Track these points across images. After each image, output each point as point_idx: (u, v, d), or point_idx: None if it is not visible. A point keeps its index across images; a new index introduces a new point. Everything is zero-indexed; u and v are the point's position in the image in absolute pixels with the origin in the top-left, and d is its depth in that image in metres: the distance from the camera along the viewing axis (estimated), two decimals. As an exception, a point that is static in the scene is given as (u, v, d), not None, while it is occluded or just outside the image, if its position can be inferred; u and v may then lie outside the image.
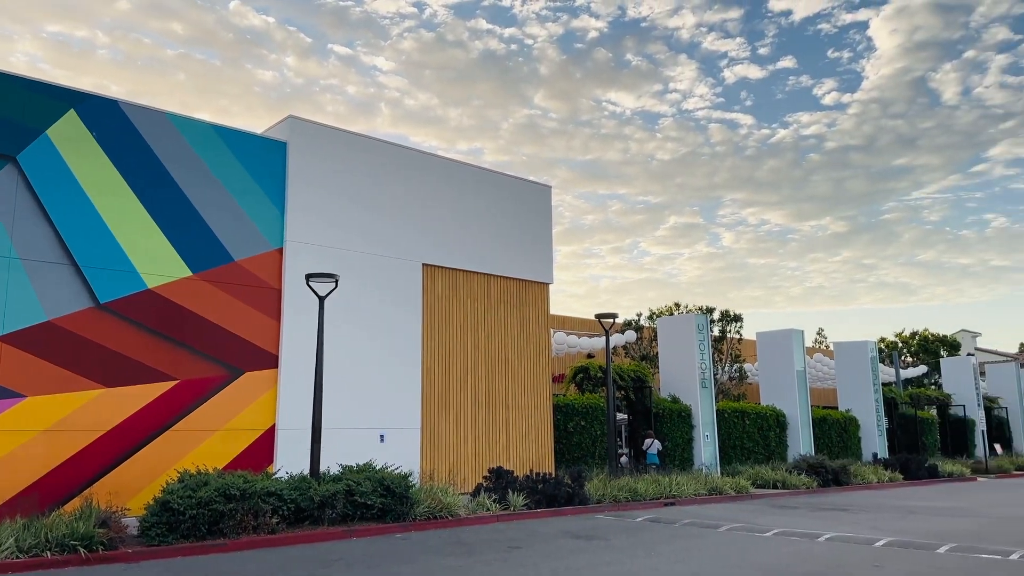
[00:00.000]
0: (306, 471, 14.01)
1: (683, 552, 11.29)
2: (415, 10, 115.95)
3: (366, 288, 18.11)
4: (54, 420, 13.66)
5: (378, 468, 14.08)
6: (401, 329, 18.69)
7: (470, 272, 20.52)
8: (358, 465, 14.17)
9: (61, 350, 13.89)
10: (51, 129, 14.38)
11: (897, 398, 34.80)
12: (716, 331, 34.11)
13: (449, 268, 20.06)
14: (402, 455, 17.16)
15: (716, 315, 34.38)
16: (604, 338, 20.85)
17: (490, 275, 20.94)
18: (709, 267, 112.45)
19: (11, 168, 13.88)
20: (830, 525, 14.45)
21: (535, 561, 10.47)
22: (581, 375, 24.84)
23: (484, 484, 16.46)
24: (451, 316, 19.91)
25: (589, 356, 30.09)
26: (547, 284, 22.38)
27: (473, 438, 19.78)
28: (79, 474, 13.78)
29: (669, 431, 23.96)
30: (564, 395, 24.07)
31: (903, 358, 52.74)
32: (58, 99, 14.58)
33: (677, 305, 34.66)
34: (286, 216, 17.12)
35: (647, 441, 22.86)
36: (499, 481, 16.29)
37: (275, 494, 12.35)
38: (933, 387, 44.58)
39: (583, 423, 22.32)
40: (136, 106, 15.52)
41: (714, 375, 28.06)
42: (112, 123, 15.10)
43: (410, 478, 14.23)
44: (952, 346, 53.88)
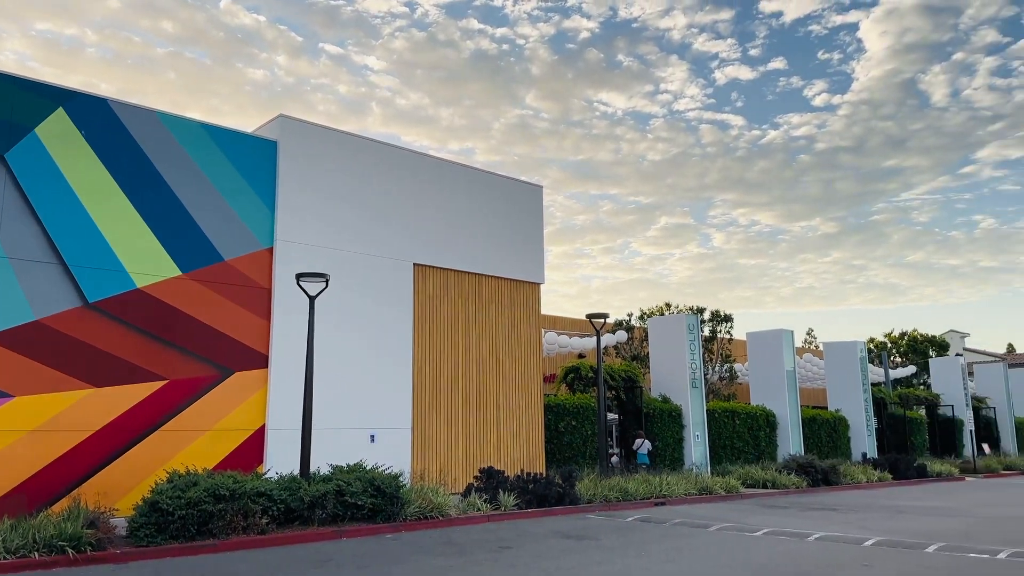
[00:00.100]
0: (296, 471, 13.98)
1: (673, 552, 11.31)
2: (406, 9, 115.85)
3: (357, 288, 18.06)
4: (42, 420, 13.58)
5: (368, 468, 14.05)
6: (392, 329, 18.66)
7: (461, 272, 20.50)
8: (348, 465, 14.14)
9: (49, 350, 13.80)
10: (40, 127, 14.29)
11: (886, 398, 34.98)
12: (706, 331, 34.22)
13: (440, 268, 20.04)
14: (393, 455, 17.13)
15: (706, 315, 34.50)
16: (595, 338, 20.88)
17: (481, 275, 20.93)
18: (700, 267, 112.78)
19: (-1, 166, 13.81)
20: (820, 525, 14.51)
21: (526, 561, 10.47)
22: (572, 375, 24.87)
23: (475, 484, 16.46)
24: (442, 316, 19.89)
25: (580, 356, 30.12)
26: (538, 284, 22.39)
27: (464, 438, 19.76)
28: (67, 474, 13.70)
29: (660, 431, 24.01)
30: (555, 395, 24.10)
31: (892, 358, 53.00)
32: (47, 97, 14.49)
33: (668, 305, 34.76)
34: (276, 215, 17.07)
35: (637, 441, 22.90)
36: (490, 481, 16.29)
37: (265, 494, 12.32)
38: (922, 387, 44.81)
39: (574, 423, 22.34)
40: (126, 104, 15.44)
41: (704, 375, 28.10)
42: (101, 122, 15.02)
43: (401, 478, 14.22)
44: (941, 346, 54.19)
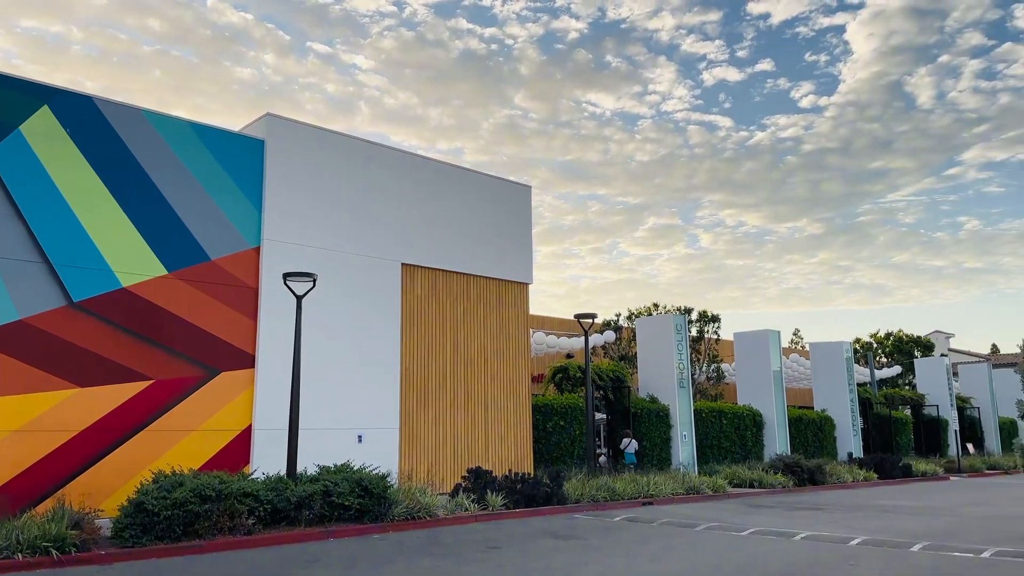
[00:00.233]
0: (283, 472, 13.92)
1: (660, 551, 11.34)
2: (395, 9, 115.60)
3: (344, 287, 18.00)
4: (26, 420, 13.46)
5: (356, 468, 14.00)
6: (379, 329, 18.61)
7: (449, 272, 20.47)
8: (336, 465, 14.09)
9: (34, 349, 13.68)
10: (24, 125, 14.17)
11: (872, 398, 35.21)
12: (694, 331, 34.34)
13: (428, 268, 20.00)
14: (380, 455, 17.07)
15: (694, 316, 34.62)
16: (583, 338, 20.89)
17: (470, 275, 20.91)
18: (687, 268, 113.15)
19: (-18, 164, 13.67)
20: (806, 524, 14.58)
21: (514, 561, 10.47)
22: (560, 375, 24.89)
23: (463, 484, 16.44)
24: (430, 316, 19.85)
25: (568, 356, 30.13)
26: (527, 284, 22.39)
27: (452, 438, 19.74)
28: (52, 475, 13.59)
29: (647, 431, 24.06)
30: (543, 395, 24.11)
31: (878, 359, 53.35)
32: (31, 95, 14.36)
33: (656, 305, 34.85)
34: (263, 215, 16.99)
35: (625, 440, 22.94)
36: (478, 481, 16.28)
37: (251, 495, 12.26)
38: (907, 387, 45.13)
39: (562, 423, 22.35)
40: (111, 102, 15.33)
41: (692, 375, 28.21)
42: (86, 119, 14.91)
43: (388, 478, 14.18)
44: (926, 347, 54.60)
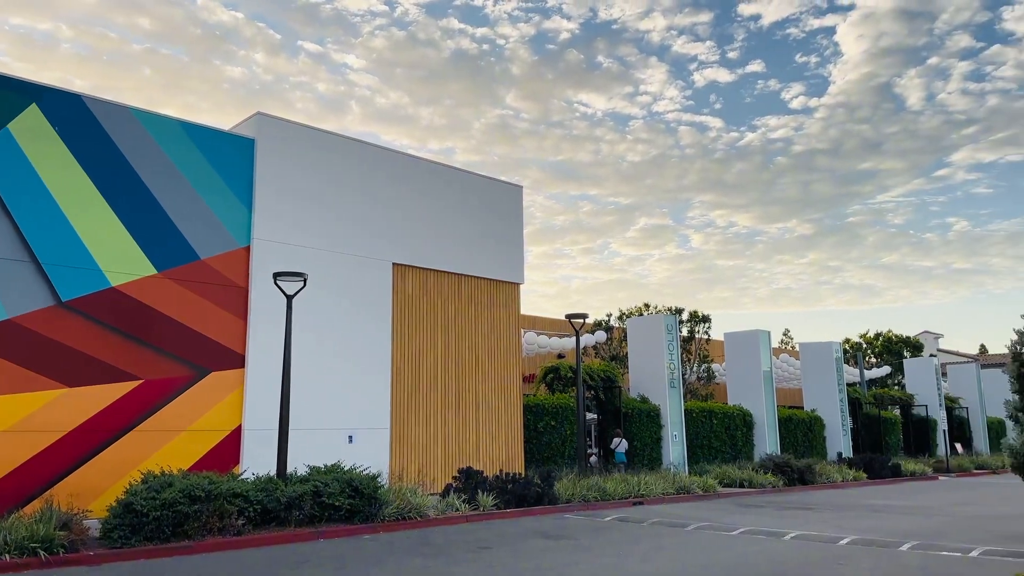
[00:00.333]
0: (273, 472, 13.87)
1: (651, 551, 11.36)
2: (386, 8, 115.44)
3: (335, 287, 17.96)
4: (14, 420, 13.37)
5: (346, 469, 13.97)
6: (370, 329, 18.57)
7: (441, 272, 20.45)
8: (326, 466, 14.05)
9: (22, 349, 13.60)
10: (12, 123, 14.07)
11: (861, 398, 35.37)
12: (685, 332, 34.39)
13: (419, 268, 19.97)
14: (371, 456, 17.05)
15: (685, 316, 34.68)
16: (574, 338, 20.90)
17: (461, 275, 20.89)
18: (678, 268, 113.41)
19: (-30, 163, 13.57)
20: (795, 524, 14.63)
21: (504, 561, 10.47)
22: (551, 375, 24.90)
23: (454, 484, 16.43)
24: (421, 316, 19.82)
25: (559, 356, 30.16)
26: (518, 284, 22.39)
27: (443, 438, 19.72)
28: (39, 475, 13.50)
29: (638, 431, 24.10)
30: (534, 395, 24.10)
31: (867, 359, 53.60)
32: (20, 93, 14.27)
33: (647, 306, 34.89)
34: (254, 214, 16.92)
35: (615, 440, 22.97)
36: (469, 481, 16.27)
37: (241, 495, 12.22)
38: (896, 388, 45.36)
39: (553, 423, 22.36)
40: (100, 101, 15.24)
41: (682, 375, 28.26)
42: (75, 118, 14.82)
43: (379, 479, 14.15)
44: (915, 347, 54.90)
